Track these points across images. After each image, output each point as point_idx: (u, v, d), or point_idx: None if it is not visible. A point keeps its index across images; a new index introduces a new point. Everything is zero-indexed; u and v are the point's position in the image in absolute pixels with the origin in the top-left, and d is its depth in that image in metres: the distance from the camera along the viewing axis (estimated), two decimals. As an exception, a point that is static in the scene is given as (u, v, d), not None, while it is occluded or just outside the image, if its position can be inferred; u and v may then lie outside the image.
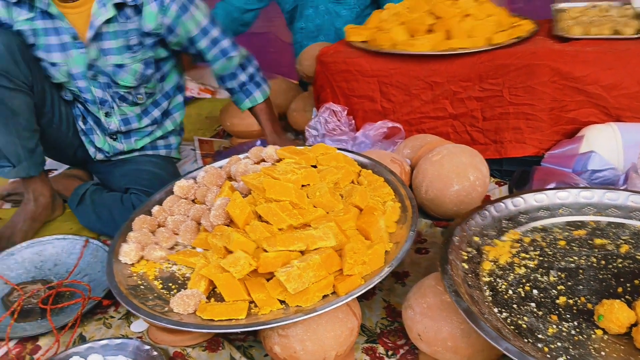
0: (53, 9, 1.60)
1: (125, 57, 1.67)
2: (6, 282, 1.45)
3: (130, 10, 1.63)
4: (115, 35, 1.65)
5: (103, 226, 1.67)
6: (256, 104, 1.86)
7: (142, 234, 1.28)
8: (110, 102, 1.76)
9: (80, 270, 1.49)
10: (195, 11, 1.69)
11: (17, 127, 1.61)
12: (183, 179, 1.45)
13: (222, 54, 1.77)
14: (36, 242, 1.57)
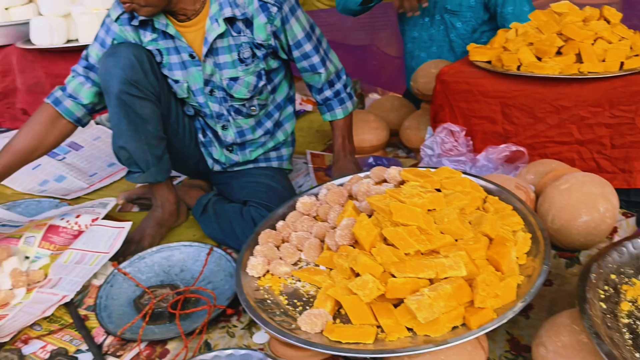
0: (171, 29, 1.68)
1: (238, 70, 1.72)
2: (137, 285, 1.54)
3: (240, 23, 1.67)
4: (229, 50, 1.69)
5: (225, 237, 1.74)
6: (335, 119, 1.91)
7: (268, 249, 1.32)
8: (226, 116, 1.82)
9: (204, 277, 1.56)
10: (294, 23, 1.72)
11: (146, 134, 1.70)
12: (305, 195, 1.48)
13: (310, 68, 1.81)
14: (165, 247, 1.65)
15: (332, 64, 1.84)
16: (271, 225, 1.44)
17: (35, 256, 1.70)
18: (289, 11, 1.69)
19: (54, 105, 1.74)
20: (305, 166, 2.29)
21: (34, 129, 1.72)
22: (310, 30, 1.77)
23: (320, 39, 1.81)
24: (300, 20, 1.73)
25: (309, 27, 1.77)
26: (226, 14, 1.63)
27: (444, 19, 2.46)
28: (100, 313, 1.43)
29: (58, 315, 1.47)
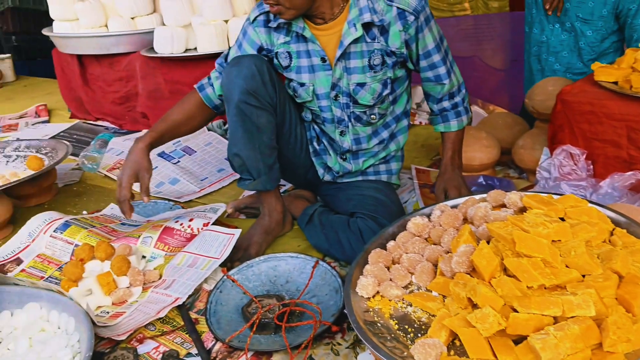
0: (307, 32, 1.71)
1: (367, 76, 1.73)
2: (245, 293, 1.57)
3: (376, 30, 1.68)
4: (361, 55, 1.71)
5: (330, 247, 1.74)
6: (449, 131, 1.87)
7: (379, 269, 1.30)
8: (346, 122, 1.83)
9: (309, 290, 1.56)
10: (427, 33, 1.71)
11: (260, 143, 1.75)
12: (417, 215, 1.44)
13: (435, 78, 1.79)
14: (272, 257, 1.68)
15: (455, 77, 1.83)
16: (381, 245, 1.42)
17: (151, 256, 1.79)
18: (424, 20, 1.69)
19: (198, 90, 1.89)
20: (410, 182, 2.25)
21: (185, 107, 1.86)
22: (439, 40, 1.76)
23: (447, 51, 1.80)
24: (433, 31, 1.73)
25: (439, 37, 1.76)
26: (365, 19, 1.65)
27: (575, 26, 2.55)
28: (210, 318, 1.47)
29: (171, 317, 1.53)
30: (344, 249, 1.71)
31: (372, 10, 1.65)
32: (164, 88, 2.96)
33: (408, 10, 1.65)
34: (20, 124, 3.36)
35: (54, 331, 1.41)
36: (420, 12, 1.67)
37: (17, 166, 2.26)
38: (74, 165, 2.64)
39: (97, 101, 3.30)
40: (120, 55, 3.09)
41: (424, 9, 1.68)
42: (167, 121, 1.83)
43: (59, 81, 3.49)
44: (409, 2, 1.66)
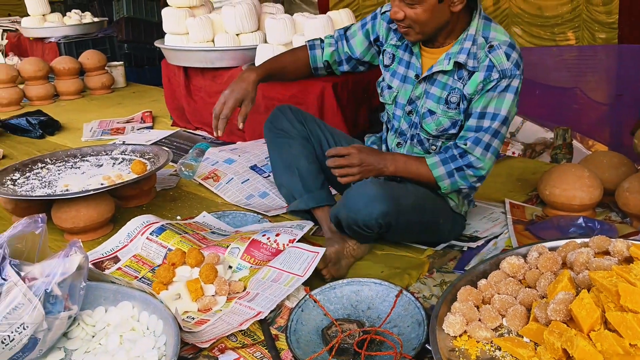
0: (416, 48, 1.82)
1: (439, 107, 1.78)
2: (326, 314, 1.57)
3: (465, 72, 1.72)
4: (443, 86, 1.77)
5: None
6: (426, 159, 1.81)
7: (468, 308, 1.25)
8: (407, 137, 1.89)
9: (391, 319, 1.53)
10: (495, 98, 1.68)
11: (299, 169, 1.96)
12: (513, 255, 1.38)
13: (472, 141, 1.73)
14: (355, 281, 1.66)
15: (480, 150, 1.73)
16: (471, 282, 1.37)
17: (237, 267, 1.83)
18: (504, 87, 1.68)
19: (308, 48, 2.02)
20: (503, 216, 2.16)
21: (295, 56, 2.02)
22: (503, 116, 1.70)
23: (498, 132, 1.72)
24: (502, 101, 1.69)
25: (505, 113, 1.70)
26: (459, 59, 1.71)
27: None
28: (290, 336, 1.48)
29: (252, 330, 1.55)
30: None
31: (471, 55, 1.70)
32: (260, 103, 3.04)
33: (497, 67, 1.67)
34: (127, 128, 3.57)
35: (143, 331, 1.47)
36: (506, 78, 1.67)
37: (122, 169, 2.39)
38: (171, 172, 2.77)
39: (197, 111, 3.45)
40: (223, 69, 3.22)
41: (512, 76, 1.67)
42: (277, 62, 1.98)
43: (165, 90, 3.68)
44: (503, 61, 1.66)
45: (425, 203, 1.81)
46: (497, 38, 1.70)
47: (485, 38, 1.71)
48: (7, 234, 1.44)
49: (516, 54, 1.70)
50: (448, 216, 1.90)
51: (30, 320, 1.36)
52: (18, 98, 4.27)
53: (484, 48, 1.69)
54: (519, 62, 1.69)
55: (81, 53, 4.69)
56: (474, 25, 1.71)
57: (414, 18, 1.65)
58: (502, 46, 1.68)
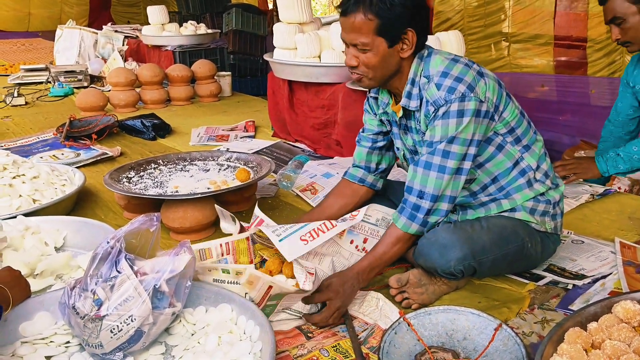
0: (389, 108, 1.86)
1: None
2: (419, 340, 1.54)
3: (417, 113, 1.75)
4: (416, 132, 1.79)
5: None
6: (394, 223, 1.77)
7: (576, 351, 1.18)
8: None
9: (488, 353, 1.48)
10: (437, 126, 1.66)
11: None
12: (628, 300, 1.30)
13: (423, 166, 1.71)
14: (452, 309, 1.62)
15: (435, 174, 1.67)
16: (580, 323, 1.30)
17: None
18: (441, 114, 1.64)
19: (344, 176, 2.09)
20: (613, 256, 2.03)
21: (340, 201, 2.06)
22: (446, 137, 1.65)
23: (447, 152, 1.65)
24: (446, 128, 1.64)
25: (449, 134, 1.64)
26: (403, 103, 1.75)
27: None
28: (383, 358, 1.47)
29: (344, 347, 1.55)
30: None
31: (414, 97, 1.72)
32: (359, 120, 3.04)
33: (430, 101, 1.67)
34: (231, 136, 3.72)
35: (240, 335, 1.51)
36: (440, 106, 1.64)
37: (227, 175, 2.49)
38: (271, 181, 2.85)
39: (298, 124, 3.53)
40: (326, 84, 3.28)
41: (448, 102, 1.62)
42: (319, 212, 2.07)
43: (269, 102, 3.80)
44: (433, 93, 1.66)
45: (504, 234, 1.75)
46: (433, 72, 1.69)
47: (426, 77, 1.70)
48: (124, 229, 1.55)
49: (450, 79, 1.64)
50: (534, 238, 1.81)
51: (139, 313, 1.44)
52: (134, 101, 4.57)
53: (425, 87, 1.69)
54: (453, 87, 1.63)
55: (194, 62, 4.96)
56: (413, 70, 1.73)
57: (365, 63, 1.68)
58: (434, 78, 1.67)
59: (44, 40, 8.62)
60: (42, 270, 1.83)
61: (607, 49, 5.11)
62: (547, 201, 1.83)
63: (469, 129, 1.64)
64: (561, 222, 1.90)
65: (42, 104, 5.00)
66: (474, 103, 1.63)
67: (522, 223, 1.80)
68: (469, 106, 1.63)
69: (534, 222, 1.81)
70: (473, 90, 1.64)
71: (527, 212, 1.80)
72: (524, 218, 1.80)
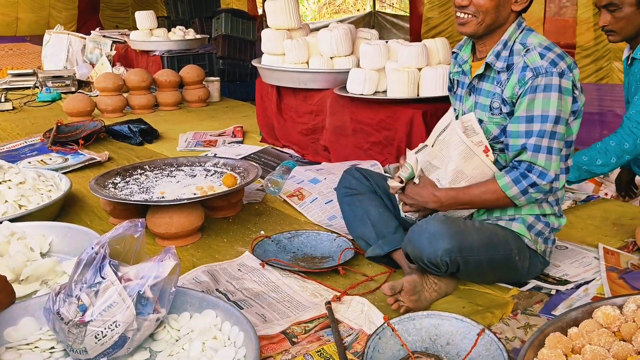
0: (466, 66, 1.89)
1: (486, 114, 1.79)
2: (402, 345, 1.55)
3: (503, 76, 1.74)
4: (487, 94, 1.79)
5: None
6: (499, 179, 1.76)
7: (556, 356, 1.20)
8: None
9: (470, 358, 1.49)
10: (537, 98, 1.64)
11: (371, 220, 2.03)
12: (609, 305, 1.31)
13: (508, 148, 1.73)
14: (435, 314, 1.63)
15: (544, 157, 1.68)
16: (560, 328, 1.31)
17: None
18: (543, 85, 1.64)
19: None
20: (597, 261, 2.06)
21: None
22: (549, 117, 1.65)
23: (553, 133, 1.67)
24: (548, 102, 1.64)
25: (551, 113, 1.65)
26: (489, 60, 1.75)
27: None
28: (366, 363, 1.48)
29: (329, 353, 1.56)
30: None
31: (502, 58, 1.73)
32: (348, 126, 3.09)
33: (530, 67, 1.66)
34: (219, 141, 3.73)
35: (224, 341, 1.51)
36: (542, 75, 1.64)
37: (214, 180, 2.50)
38: (258, 187, 2.85)
39: (286, 130, 3.54)
40: (314, 90, 3.30)
41: (549, 74, 1.64)
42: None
43: (257, 107, 3.81)
44: (536, 60, 1.66)
45: (494, 239, 1.76)
46: (535, 42, 1.71)
47: (522, 44, 1.72)
48: (108, 235, 1.54)
49: (553, 54, 1.67)
50: (523, 253, 1.81)
51: (123, 319, 1.44)
52: (122, 106, 4.57)
53: (521, 53, 1.71)
54: (556, 61, 1.66)
55: (182, 67, 4.96)
56: (509, 32, 1.74)
57: (480, 4, 1.68)
58: (537, 48, 1.69)
59: (32, 45, 8.57)
60: (28, 275, 1.82)
61: (595, 55, 5.17)
62: (547, 223, 1.84)
63: (567, 107, 1.68)
64: (551, 250, 1.91)
65: (29, 109, 4.98)
66: (570, 83, 1.67)
67: (516, 235, 1.81)
68: (566, 84, 1.66)
69: (528, 238, 1.82)
70: (572, 71, 1.68)
71: (524, 226, 1.81)
72: (520, 231, 1.81)
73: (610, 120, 4.78)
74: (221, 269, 2.05)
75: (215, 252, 2.20)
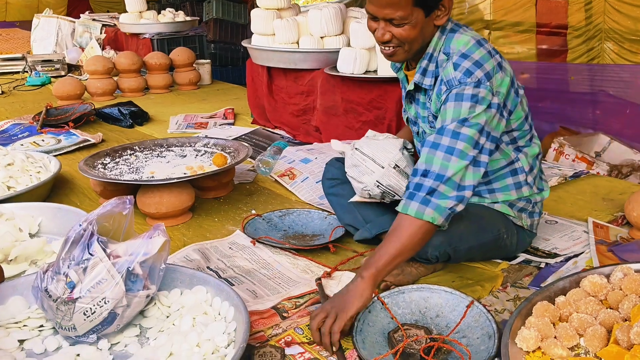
0: (401, 74, 1.88)
1: (427, 127, 1.77)
2: (392, 318, 1.56)
3: (430, 91, 1.70)
4: (423, 106, 1.76)
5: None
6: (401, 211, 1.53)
7: (544, 324, 1.21)
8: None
9: (459, 329, 1.50)
10: (449, 109, 1.55)
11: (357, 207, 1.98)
12: (596, 274, 1.32)
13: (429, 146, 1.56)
14: (425, 287, 1.64)
15: (442, 155, 1.52)
16: (548, 298, 1.32)
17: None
18: (454, 96, 1.56)
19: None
20: (586, 235, 2.07)
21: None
22: (457, 119, 1.53)
23: (457, 133, 1.53)
24: (459, 110, 1.53)
25: (461, 117, 1.53)
26: (416, 79, 1.71)
27: None
28: (356, 336, 1.48)
29: (319, 327, 1.56)
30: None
31: (429, 74, 1.68)
32: (339, 106, 3.07)
33: (444, 80, 1.59)
34: (210, 123, 3.71)
35: (215, 316, 1.51)
36: (452, 87, 1.56)
37: (204, 160, 2.49)
38: (250, 167, 2.84)
39: (277, 111, 3.53)
40: (305, 70, 3.27)
41: (462, 84, 1.54)
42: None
43: (248, 89, 3.79)
44: (449, 72, 1.58)
45: (482, 223, 1.76)
46: (456, 48, 1.60)
47: (446, 54, 1.63)
48: (96, 212, 1.53)
49: (470, 62, 1.56)
50: (510, 230, 1.82)
51: (112, 295, 1.44)
52: (112, 89, 4.53)
53: (443, 65, 1.62)
54: (470, 70, 1.55)
55: (172, 50, 4.92)
56: (432, 44, 1.65)
57: (403, 36, 1.59)
58: (453, 57, 1.59)
59: (21, 30, 8.47)
60: (16, 255, 1.81)
61: (587, 35, 5.16)
62: (528, 200, 1.84)
63: (481, 116, 1.54)
64: (538, 221, 1.91)
65: (18, 93, 4.93)
66: (487, 92, 1.54)
67: (501, 214, 1.81)
68: (482, 94, 1.54)
69: (512, 215, 1.82)
70: (490, 80, 1.55)
71: (506, 205, 1.81)
72: (503, 210, 1.81)
73: (602, 100, 4.79)
74: (212, 247, 2.04)
75: (206, 231, 2.20)
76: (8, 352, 1.42)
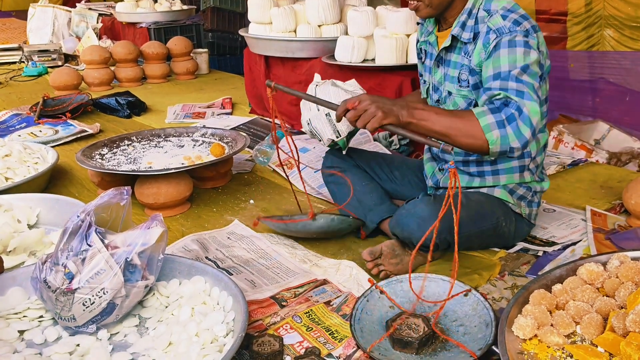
0: (432, 37, 1.84)
1: (454, 87, 1.76)
2: (393, 305, 1.57)
3: (470, 46, 1.69)
4: (455, 65, 1.75)
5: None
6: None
7: (540, 312, 1.21)
8: None
9: (457, 318, 1.51)
10: (504, 55, 1.58)
11: (356, 194, 2.02)
12: (592, 262, 1.33)
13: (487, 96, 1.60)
14: (421, 276, 1.65)
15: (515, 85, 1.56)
16: (545, 286, 1.33)
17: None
18: (507, 42, 1.59)
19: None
20: (584, 223, 2.07)
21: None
22: (516, 65, 1.57)
23: (523, 70, 1.56)
24: (514, 57, 1.57)
25: (518, 63, 1.57)
26: (454, 32, 1.71)
27: None
28: (354, 324, 1.49)
29: (317, 315, 1.57)
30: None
31: (468, 28, 1.68)
32: (338, 95, 3.06)
33: (492, 29, 1.62)
34: (208, 113, 3.70)
35: (214, 306, 1.52)
36: (504, 34, 1.59)
37: (202, 151, 2.48)
38: (247, 157, 2.84)
39: (275, 100, 3.50)
40: (303, 59, 3.26)
41: (512, 32, 1.59)
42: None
43: (245, 78, 3.77)
44: (498, 22, 1.62)
45: (481, 211, 1.77)
46: (498, 6, 1.67)
47: (486, 10, 1.68)
48: (94, 203, 1.53)
49: (516, 14, 1.63)
50: (509, 217, 1.83)
51: (111, 286, 1.44)
52: (109, 79, 4.51)
53: (485, 20, 1.66)
54: (519, 21, 1.61)
55: (169, 39, 4.89)
56: (471, 0, 1.70)
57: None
58: (499, 11, 1.65)
59: (18, 20, 8.40)
60: (15, 247, 1.81)
61: (587, 22, 5.13)
62: (528, 188, 1.84)
63: (536, 64, 1.59)
64: (536, 212, 1.91)
65: (15, 83, 4.91)
66: (535, 43, 1.61)
67: (500, 201, 1.82)
68: (532, 43, 1.59)
69: (511, 202, 1.82)
70: (536, 32, 1.63)
71: (506, 191, 1.82)
72: (502, 197, 1.81)
73: (602, 88, 4.77)
74: (210, 237, 2.05)
75: (204, 221, 2.20)
76: (8, 343, 1.42)
